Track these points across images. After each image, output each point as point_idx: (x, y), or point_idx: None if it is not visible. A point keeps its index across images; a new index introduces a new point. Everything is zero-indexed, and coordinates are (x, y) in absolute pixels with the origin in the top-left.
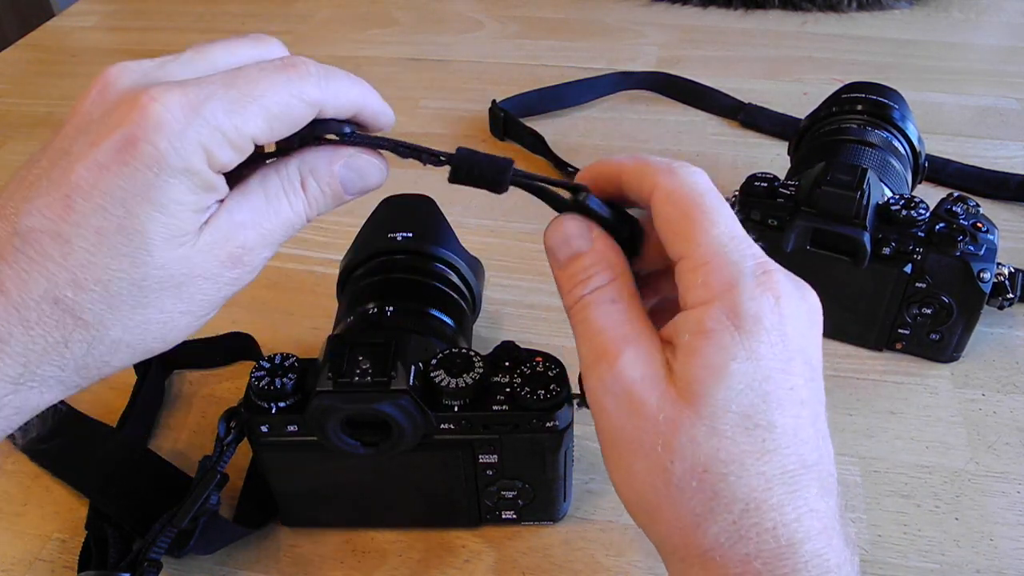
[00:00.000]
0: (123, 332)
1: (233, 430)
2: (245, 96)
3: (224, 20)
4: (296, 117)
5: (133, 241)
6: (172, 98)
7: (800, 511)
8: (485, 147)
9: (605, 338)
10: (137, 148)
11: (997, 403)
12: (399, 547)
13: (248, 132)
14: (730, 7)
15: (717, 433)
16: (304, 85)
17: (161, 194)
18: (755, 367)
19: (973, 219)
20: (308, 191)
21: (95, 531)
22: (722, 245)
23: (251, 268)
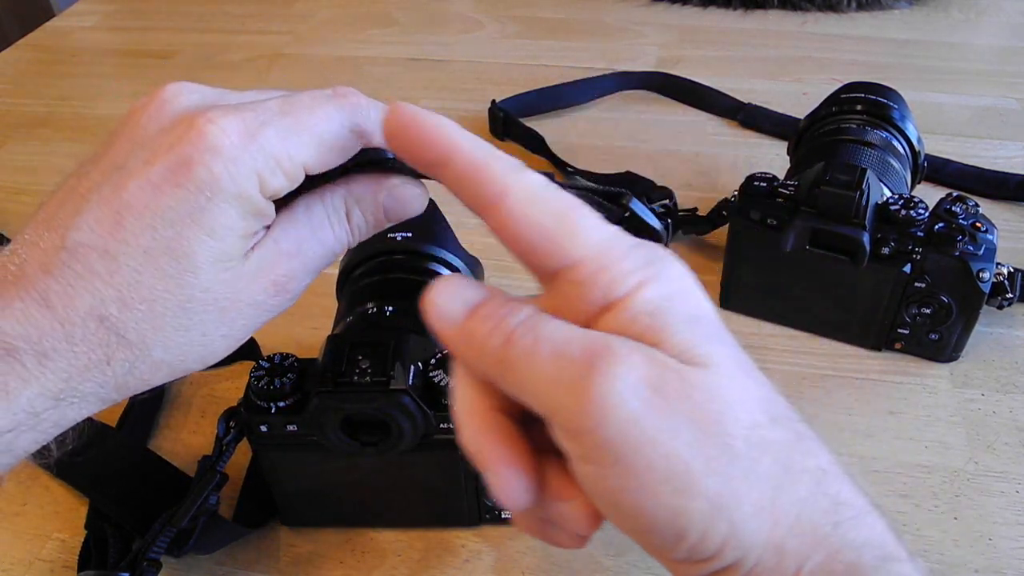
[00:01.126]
0: (164, 353)
1: (233, 430)
2: (299, 124)
3: (224, 20)
4: (346, 147)
5: (180, 263)
6: (230, 122)
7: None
8: None
9: (582, 342)
10: (192, 171)
11: (996, 403)
12: (399, 547)
13: (300, 160)
14: (730, 7)
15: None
16: (355, 115)
17: (212, 218)
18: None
19: (972, 219)
20: (352, 221)
21: (95, 531)
22: (611, 234)
23: (292, 296)
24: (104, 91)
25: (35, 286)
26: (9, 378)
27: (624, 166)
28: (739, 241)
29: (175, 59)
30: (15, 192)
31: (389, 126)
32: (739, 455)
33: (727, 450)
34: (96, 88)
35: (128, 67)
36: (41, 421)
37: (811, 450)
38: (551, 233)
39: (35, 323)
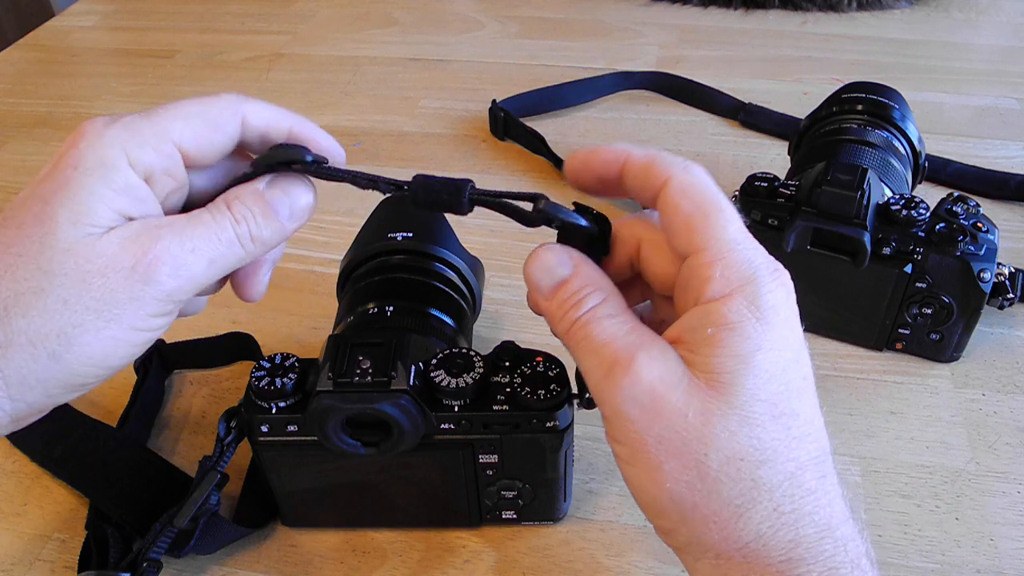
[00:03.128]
0: (25, 321)
1: (233, 430)
2: (167, 110)
3: (224, 20)
4: (218, 121)
5: (43, 227)
6: (101, 117)
7: (831, 496)
8: (485, 147)
9: (614, 347)
10: (64, 156)
11: (997, 403)
12: (399, 547)
13: (168, 135)
14: (730, 7)
15: (750, 422)
16: (219, 96)
17: (76, 185)
18: (777, 357)
19: (973, 219)
20: (234, 209)
21: (95, 531)
22: (737, 242)
23: (167, 280)
24: (104, 91)
25: None
26: None
27: None
28: None
29: (175, 59)
30: (15, 192)
31: (572, 170)
32: (710, 477)
33: (700, 469)
34: (96, 88)
35: (128, 67)
36: None
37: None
38: (688, 221)
39: None
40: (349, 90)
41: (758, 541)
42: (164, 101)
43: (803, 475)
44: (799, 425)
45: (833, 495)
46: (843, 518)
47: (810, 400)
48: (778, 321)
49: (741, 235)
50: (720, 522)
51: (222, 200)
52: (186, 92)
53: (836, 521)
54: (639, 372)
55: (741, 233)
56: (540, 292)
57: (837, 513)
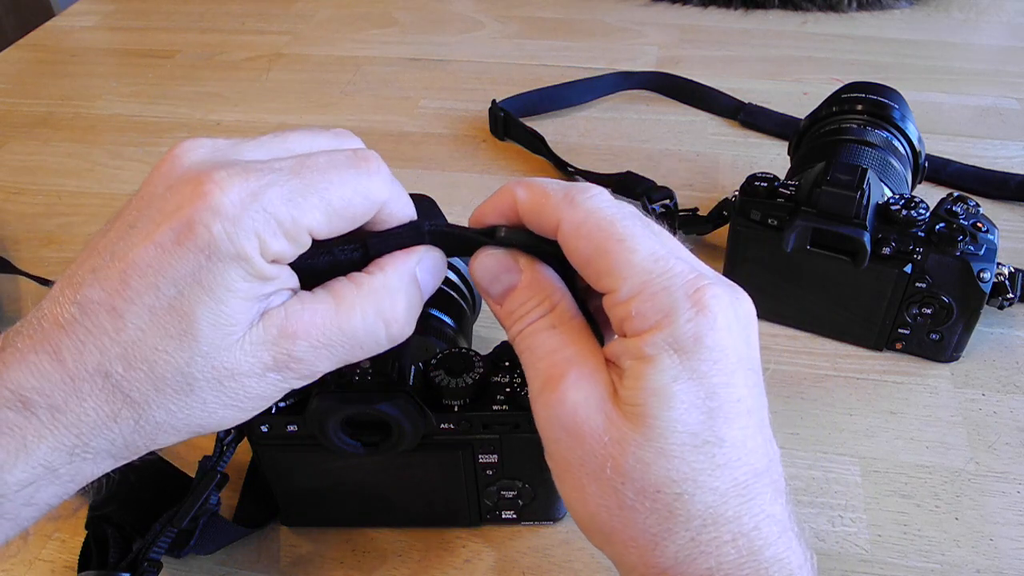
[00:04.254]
0: (166, 415)
1: (233, 430)
2: (308, 187)
3: (224, 20)
4: (357, 215)
5: (182, 323)
6: (233, 182)
7: (757, 519)
8: (485, 147)
9: (547, 363)
10: (193, 231)
11: (997, 403)
12: (399, 547)
13: (305, 224)
14: (730, 7)
15: (666, 454)
16: (371, 183)
17: (211, 279)
18: (698, 386)
19: (973, 219)
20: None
21: (95, 531)
22: (647, 272)
23: (301, 376)
24: (104, 91)
25: (49, 340)
26: (27, 432)
27: (624, 166)
28: (740, 241)
29: (175, 59)
30: (15, 192)
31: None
32: (626, 505)
33: (617, 497)
34: (96, 88)
35: (128, 67)
36: (59, 476)
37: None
38: (590, 263)
39: (47, 376)
40: (349, 90)
41: (676, 568)
42: (164, 101)
43: (725, 504)
44: (724, 452)
45: (761, 518)
46: (771, 539)
47: (742, 422)
48: (701, 348)
49: (651, 262)
50: (638, 547)
51: (383, 288)
52: (186, 92)
53: (760, 544)
54: (564, 392)
55: (651, 259)
56: (489, 297)
57: (765, 535)
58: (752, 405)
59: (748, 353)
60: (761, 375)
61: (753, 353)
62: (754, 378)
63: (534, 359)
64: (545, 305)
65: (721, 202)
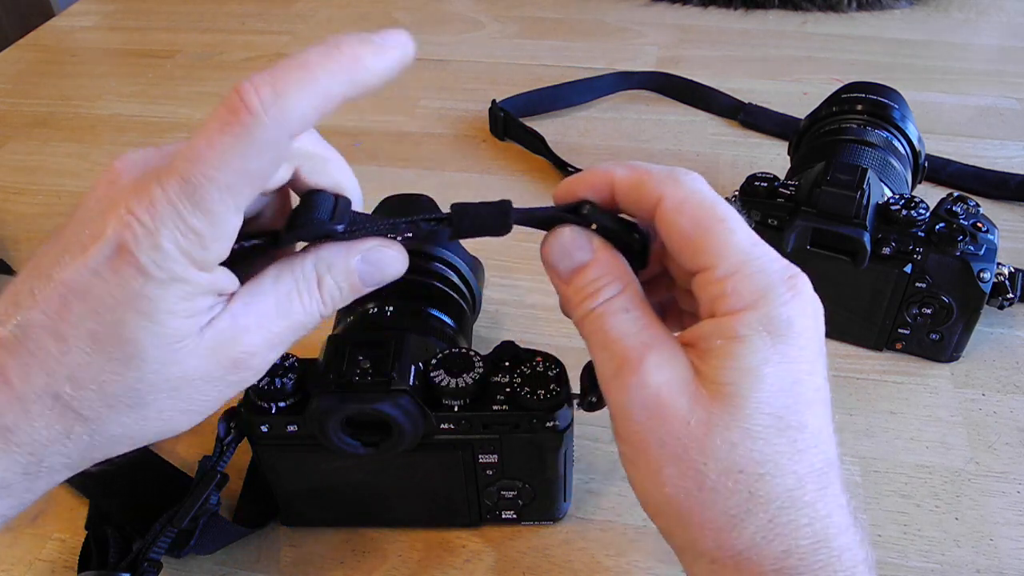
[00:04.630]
0: (122, 428)
1: (233, 430)
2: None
3: (224, 20)
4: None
5: (126, 348)
6: (142, 208)
7: (830, 507)
8: (485, 147)
9: (624, 345)
10: (122, 259)
11: (997, 403)
12: (399, 547)
13: (227, 227)
14: (730, 7)
15: (752, 435)
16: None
17: (149, 305)
18: (787, 370)
19: (973, 219)
20: (324, 289)
21: (95, 531)
22: (746, 253)
23: (255, 371)
24: (104, 91)
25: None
26: None
27: None
28: None
29: (175, 59)
30: (15, 192)
31: (560, 200)
32: (707, 486)
33: (698, 478)
34: (96, 88)
35: (128, 67)
36: (13, 491)
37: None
38: (690, 241)
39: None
40: None
41: (752, 550)
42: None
43: (803, 488)
44: (805, 438)
45: (833, 505)
46: (842, 528)
47: (820, 411)
48: (791, 334)
49: (749, 244)
50: (715, 530)
51: (312, 275)
52: (186, 92)
53: (833, 531)
54: (646, 375)
55: (749, 241)
56: (558, 274)
57: (836, 523)
58: (827, 396)
59: (823, 344)
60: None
61: (824, 347)
62: (826, 371)
63: (608, 340)
64: (615, 285)
65: None
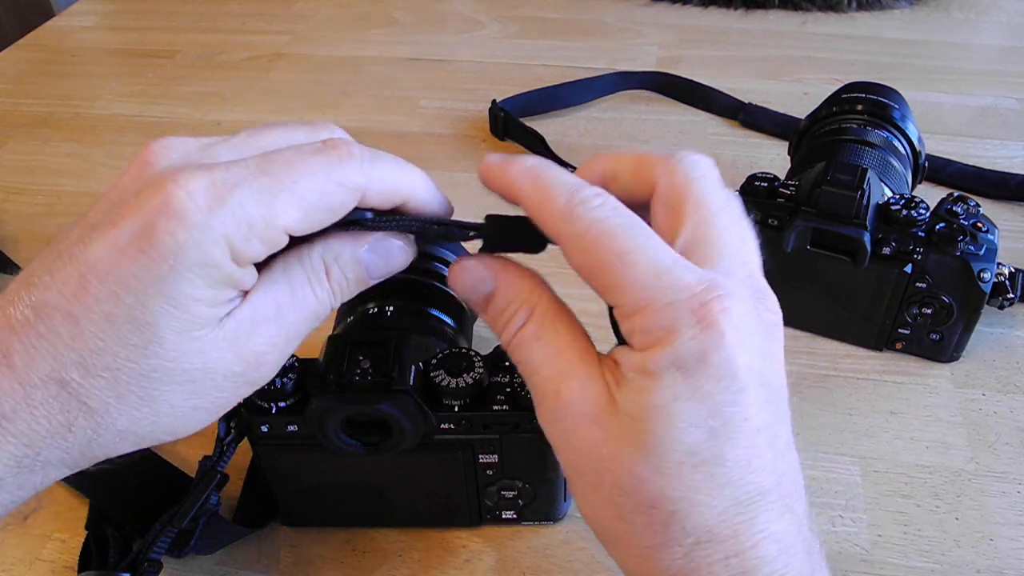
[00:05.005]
0: (129, 423)
1: (233, 430)
2: (277, 183)
3: (224, 20)
4: (335, 206)
5: (143, 333)
6: (197, 185)
7: (757, 538)
8: (485, 147)
9: (539, 378)
10: (155, 237)
11: (997, 403)
12: (399, 547)
13: (280, 224)
14: (730, 7)
15: (662, 472)
16: (345, 170)
17: (175, 288)
18: (701, 405)
19: (973, 219)
20: (332, 279)
21: (95, 531)
22: (648, 287)
23: (270, 369)
24: (104, 91)
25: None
26: None
27: None
28: None
29: (175, 59)
30: (15, 192)
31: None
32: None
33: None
34: (96, 88)
35: (128, 67)
36: (4, 485)
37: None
38: (594, 278)
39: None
40: (349, 90)
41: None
42: (164, 101)
43: (722, 522)
44: (725, 472)
45: (760, 536)
46: (769, 558)
47: (747, 442)
48: (706, 366)
49: (652, 276)
50: (635, 556)
51: (320, 265)
52: (186, 92)
53: (756, 563)
54: (560, 409)
55: (653, 273)
56: (474, 306)
57: (762, 554)
58: (762, 422)
59: (764, 366)
60: (780, 387)
61: (771, 366)
62: (767, 393)
63: (526, 372)
64: (524, 310)
65: None
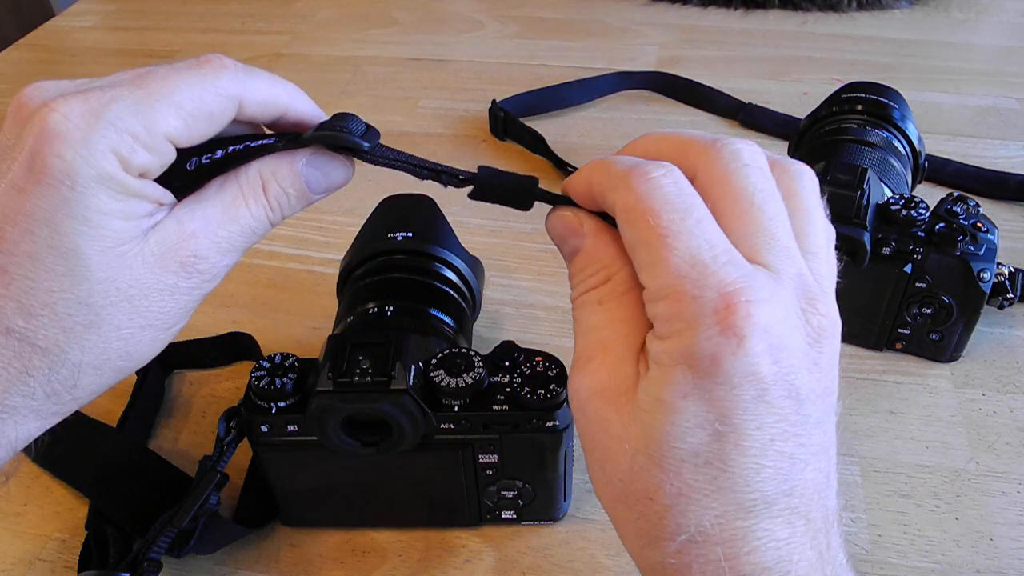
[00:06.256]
0: (82, 353)
1: (233, 430)
2: (152, 94)
3: (224, 20)
4: (214, 112)
5: (68, 260)
6: (71, 106)
7: (754, 544)
8: (485, 147)
9: (584, 341)
10: (46, 164)
11: (997, 403)
12: (399, 547)
13: (161, 131)
14: (730, 7)
15: (662, 467)
16: (219, 79)
17: (81, 206)
18: (708, 408)
19: (973, 219)
20: (270, 194)
21: (95, 531)
22: (679, 276)
23: (209, 276)
24: None
25: None
26: None
27: None
28: None
29: (175, 59)
30: None
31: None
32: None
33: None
34: None
35: (128, 67)
36: None
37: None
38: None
39: None
40: (349, 90)
41: (661, 571)
42: None
43: (719, 525)
44: (729, 477)
45: (760, 542)
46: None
47: (756, 452)
48: (717, 372)
49: (689, 265)
50: (632, 541)
51: (257, 180)
52: None
53: (750, 569)
54: (587, 376)
55: (689, 263)
56: (562, 254)
57: (759, 560)
58: (778, 432)
59: (794, 376)
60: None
61: (807, 375)
62: (793, 404)
63: (577, 332)
64: (600, 276)
65: None
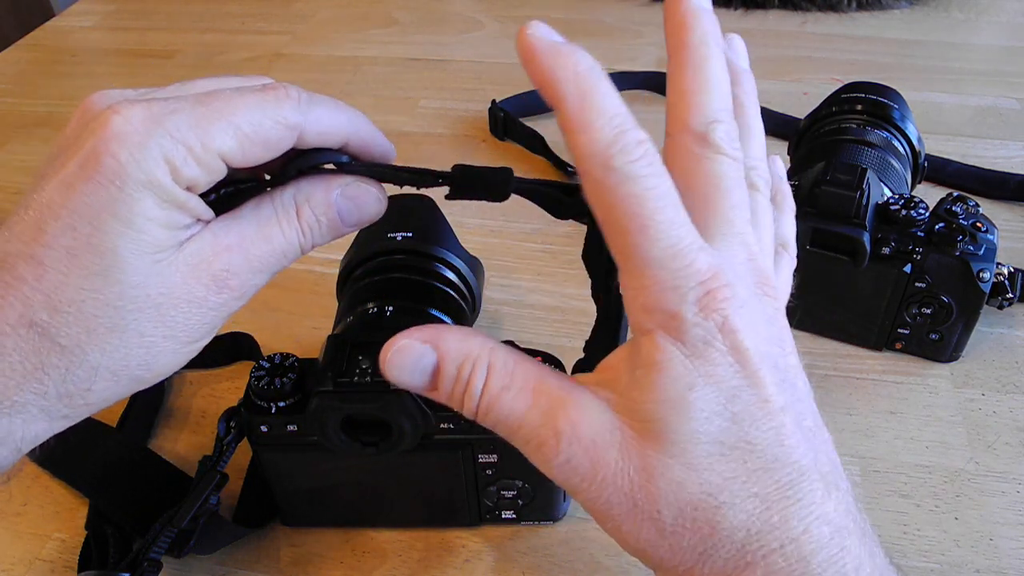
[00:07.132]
0: (102, 356)
1: (233, 430)
2: (213, 112)
3: (224, 20)
4: (271, 139)
5: (104, 259)
6: (134, 111)
7: (806, 521)
8: (485, 147)
9: (528, 429)
10: (99, 161)
11: (997, 403)
12: (399, 547)
13: (215, 148)
14: (730, 7)
15: (695, 468)
16: (281, 107)
17: (126, 208)
18: (716, 392)
19: (973, 219)
20: (303, 219)
21: (95, 531)
22: (660, 267)
23: (238, 294)
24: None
25: None
26: None
27: None
28: None
29: (175, 59)
30: (15, 192)
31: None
32: (667, 531)
33: (656, 525)
34: (96, 88)
35: (128, 67)
36: None
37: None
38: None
39: None
40: (349, 90)
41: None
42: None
43: (769, 508)
44: (758, 456)
45: (810, 519)
46: (822, 542)
47: (772, 423)
48: (712, 352)
49: (669, 256)
50: (686, 569)
51: (291, 203)
52: None
53: (812, 548)
54: (567, 444)
55: (669, 253)
56: (423, 389)
57: (815, 537)
58: (783, 402)
59: (770, 349)
60: (794, 368)
61: (778, 347)
62: (781, 375)
63: (510, 432)
64: (481, 366)
65: None
